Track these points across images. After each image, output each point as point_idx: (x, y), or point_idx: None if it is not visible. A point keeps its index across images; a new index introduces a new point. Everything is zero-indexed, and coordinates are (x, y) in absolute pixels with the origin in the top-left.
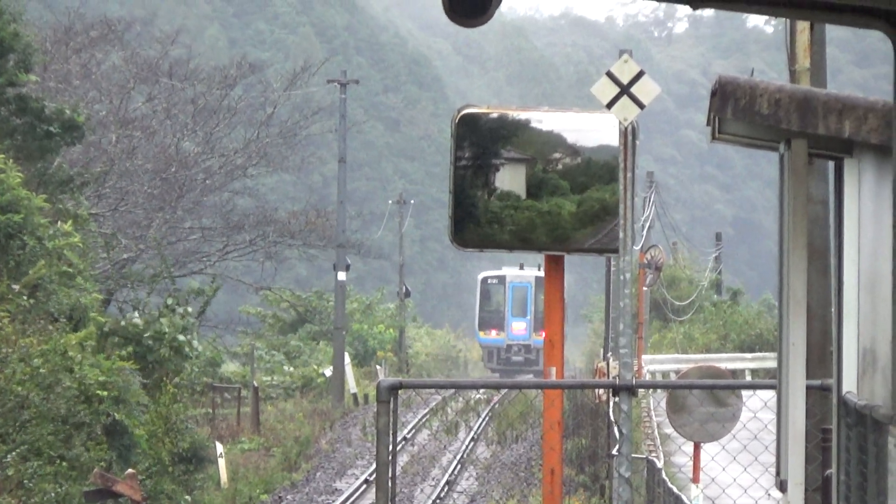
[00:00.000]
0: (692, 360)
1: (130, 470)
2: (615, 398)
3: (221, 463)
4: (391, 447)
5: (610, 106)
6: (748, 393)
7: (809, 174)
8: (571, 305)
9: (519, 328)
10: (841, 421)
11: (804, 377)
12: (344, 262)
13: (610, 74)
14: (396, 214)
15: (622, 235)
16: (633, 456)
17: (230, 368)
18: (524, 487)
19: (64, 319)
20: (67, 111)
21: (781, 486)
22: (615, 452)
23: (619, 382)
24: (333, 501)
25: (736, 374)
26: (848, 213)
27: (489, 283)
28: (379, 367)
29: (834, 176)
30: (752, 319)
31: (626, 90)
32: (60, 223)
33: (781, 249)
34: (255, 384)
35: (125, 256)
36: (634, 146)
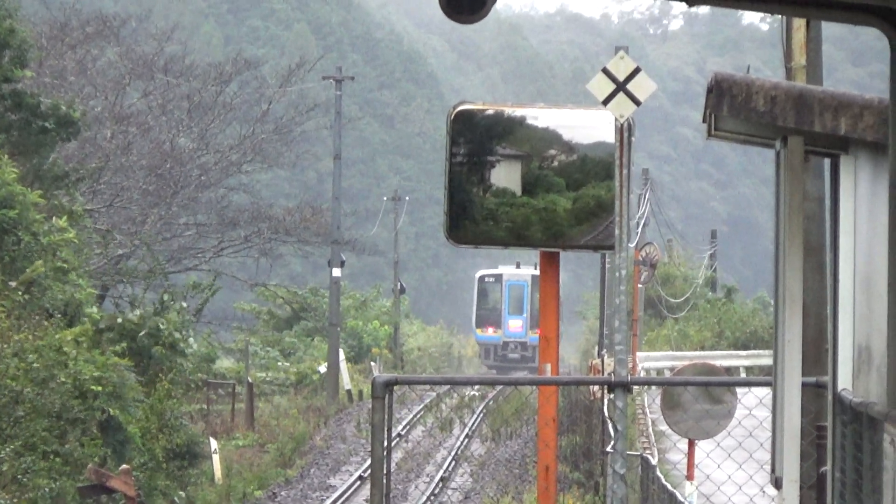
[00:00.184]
0: (687, 357)
1: (125, 466)
2: (610, 395)
3: (216, 459)
4: (386, 443)
5: (606, 102)
6: (743, 390)
7: (805, 171)
8: (566, 303)
9: (515, 326)
10: (836, 418)
11: (800, 374)
12: (339, 258)
13: (606, 71)
14: (391, 211)
15: (618, 232)
16: (627, 453)
17: (225, 364)
18: (519, 484)
19: (59, 315)
20: (63, 107)
21: (776, 483)
22: (610, 449)
23: (614, 379)
24: (328, 498)
25: (730, 371)
26: (844, 210)
27: (486, 281)
28: (373, 363)
29: (830, 173)
30: (746, 317)
31: (622, 87)
32: (55, 219)
33: (777, 246)
34: (249, 380)
35: (120, 252)
36: (630, 143)
